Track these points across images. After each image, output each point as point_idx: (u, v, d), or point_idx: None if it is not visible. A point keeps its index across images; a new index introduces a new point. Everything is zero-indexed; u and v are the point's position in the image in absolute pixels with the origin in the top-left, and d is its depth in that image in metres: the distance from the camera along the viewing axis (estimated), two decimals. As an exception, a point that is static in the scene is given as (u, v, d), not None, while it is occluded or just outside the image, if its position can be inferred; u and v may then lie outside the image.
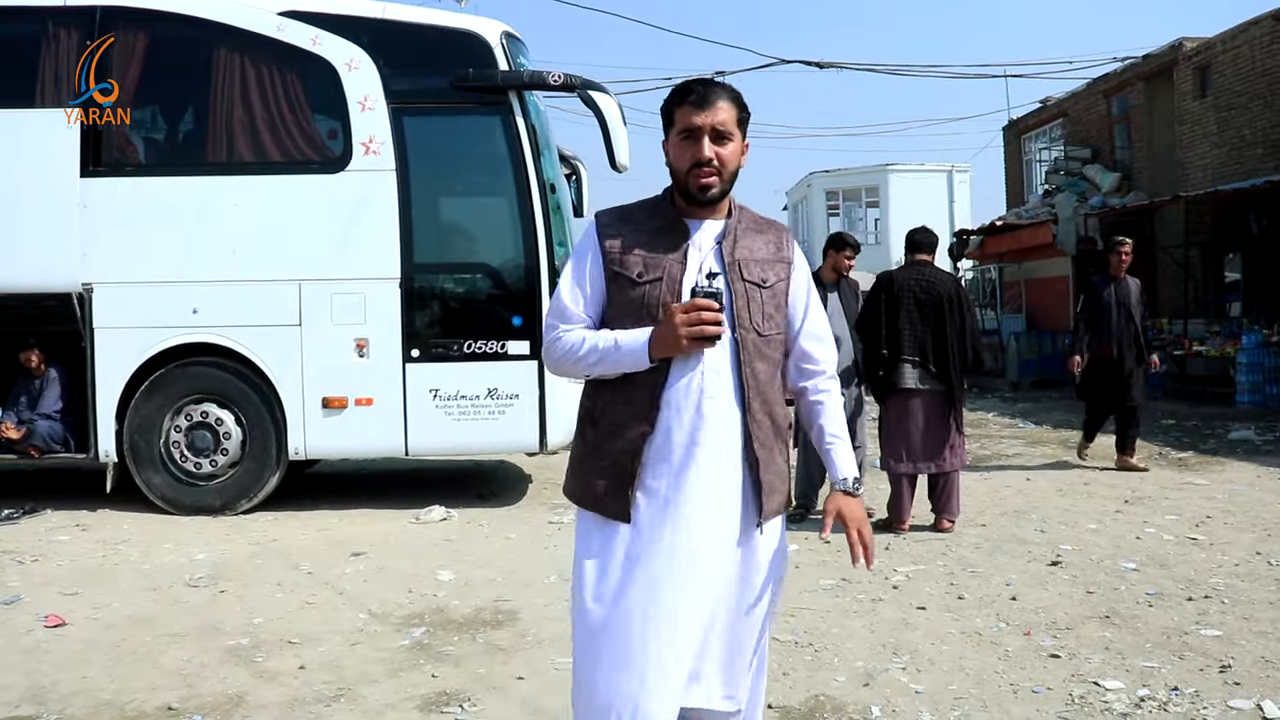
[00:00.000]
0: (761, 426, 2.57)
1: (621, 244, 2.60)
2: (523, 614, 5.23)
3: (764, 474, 2.57)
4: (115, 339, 7.94)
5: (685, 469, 2.51)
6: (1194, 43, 17.53)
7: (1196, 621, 4.89)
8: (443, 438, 8.01)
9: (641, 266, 2.57)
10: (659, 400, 2.53)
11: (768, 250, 2.65)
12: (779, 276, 2.64)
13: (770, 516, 2.60)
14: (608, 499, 2.56)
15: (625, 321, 2.57)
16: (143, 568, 6.43)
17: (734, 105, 2.57)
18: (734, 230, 2.63)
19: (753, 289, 2.58)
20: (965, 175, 35.53)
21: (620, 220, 2.67)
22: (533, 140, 7.87)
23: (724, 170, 2.55)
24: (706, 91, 2.56)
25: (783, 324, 2.67)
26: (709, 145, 2.52)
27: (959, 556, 6.26)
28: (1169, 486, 8.37)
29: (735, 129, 2.57)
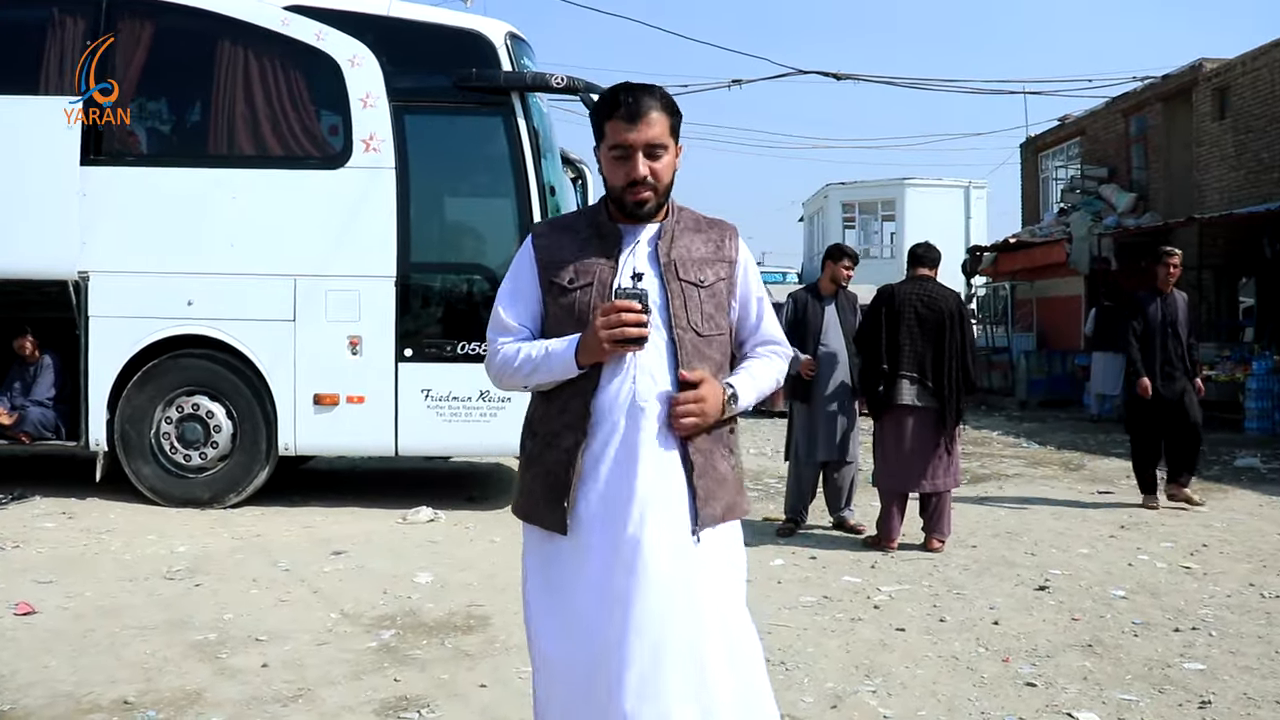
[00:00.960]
0: (698, 430, 2.51)
1: (556, 253, 2.58)
2: (494, 620, 5.17)
3: (698, 479, 2.49)
4: (110, 328, 7.92)
5: (620, 477, 2.46)
6: (1214, 64, 17.38)
7: (1181, 654, 4.78)
8: (433, 438, 7.96)
9: (573, 273, 2.54)
10: (590, 408, 2.49)
11: (707, 249, 2.61)
12: (719, 276, 2.59)
13: (708, 523, 2.51)
14: (545, 511, 2.52)
15: (562, 330, 2.53)
16: (123, 558, 6.39)
17: (665, 113, 2.51)
18: (670, 230, 2.59)
19: (689, 289, 2.54)
20: (982, 191, 35.34)
21: (556, 230, 2.66)
22: (534, 142, 7.82)
23: (659, 185, 2.52)
24: (637, 105, 2.48)
25: (726, 324, 2.62)
26: (643, 163, 2.48)
27: (945, 577, 6.17)
28: (1167, 513, 8.24)
29: (668, 139, 2.51)
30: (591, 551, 2.46)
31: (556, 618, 2.51)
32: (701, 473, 2.50)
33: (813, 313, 7.30)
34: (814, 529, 7.48)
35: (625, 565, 2.43)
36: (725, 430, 2.60)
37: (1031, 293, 21.71)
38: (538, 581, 2.57)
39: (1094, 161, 20.87)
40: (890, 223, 36.03)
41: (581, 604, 2.46)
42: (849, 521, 7.42)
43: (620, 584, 2.42)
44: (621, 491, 2.45)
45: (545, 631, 2.53)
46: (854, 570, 6.32)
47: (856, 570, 6.32)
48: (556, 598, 2.51)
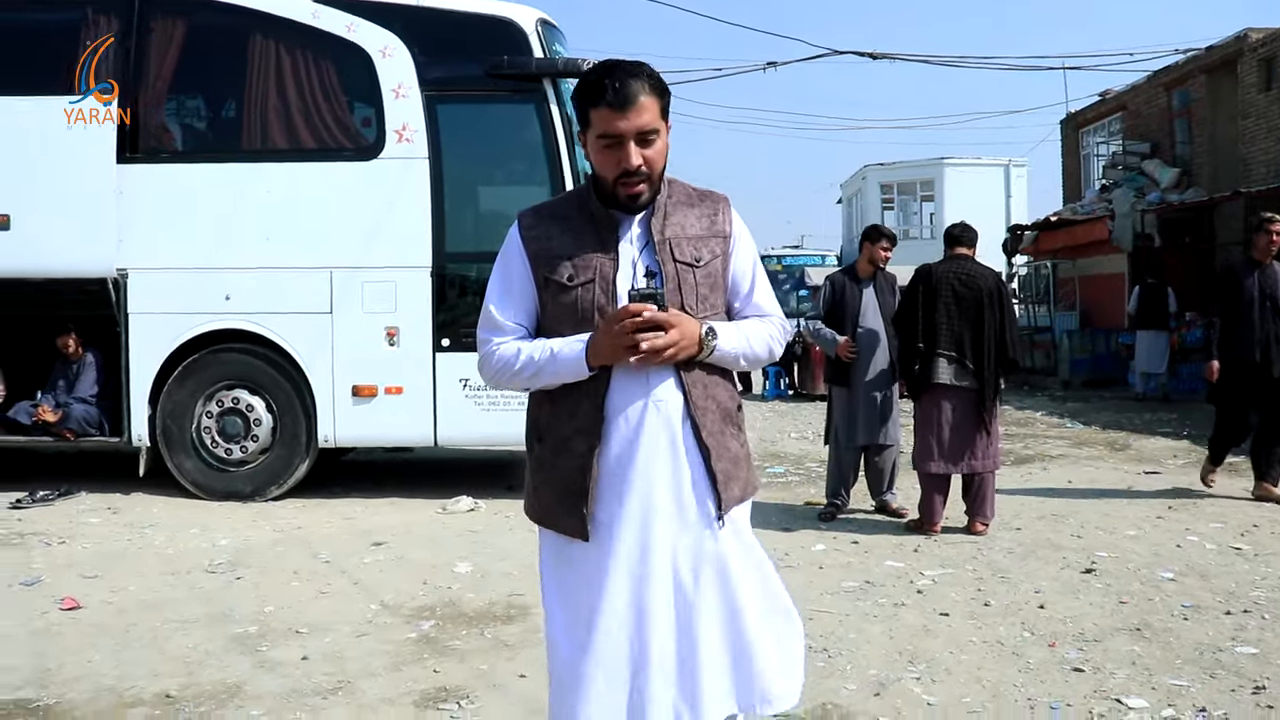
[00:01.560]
0: (707, 414, 2.43)
1: (548, 246, 2.45)
2: (534, 609, 5.13)
3: (716, 463, 2.43)
4: (149, 324, 7.99)
5: (640, 477, 2.38)
6: (1260, 34, 16.98)
7: (1233, 638, 4.67)
8: (472, 428, 7.96)
9: (571, 269, 2.42)
10: (604, 410, 2.40)
11: (701, 225, 2.49)
12: (714, 253, 2.48)
13: (731, 505, 2.46)
14: (563, 517, 2.44)
15: (564, 329, 2.43)
16: (165, 552, 6.45)
17: (655, 95, 2.35)
18: (663, 206, 2.46)
19: (684, 270, 2.43)
20: (1022, 169, 34.97)
21: (545, 219, 2.51)
22: (567, 129, 7.76)
23: (653, 174, 2.39)
24: (625, 90, 2.30)
25: (721, 303, 2.52)
26: (635, 152, 2.34)
27: (989, 561, 6.08)
28: (1216, 493, 8.08)
29: (659, 123, 2.37)
30: (615, 556, 2.39)
31: (579, 626, 2.42)
32: (718, 456, 2.44)
33: (850, 295, 7.21)
34: (855, 513, 7.40)
35: (652, 568, 2.38)
36: (733, 408, 2.53)
37: (1074, 271, 21.39)
38: (554, 587, 2.51)
39: (1136, 137, 20.50)
40: (930, 203, 35.75)
41: (607, 610, 2.38)
42: (891, 505, 7.34)
43: (649, 588, 2.38)
44: (642, 491, 2.38)
45: (567, 640, 2.45)
46: (897, 555, 6.24)
47: (899, 554, 6.25)
48: (577, 604, 2.44)
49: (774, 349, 2.61)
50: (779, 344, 2.63)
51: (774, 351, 2.61)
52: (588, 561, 2.43)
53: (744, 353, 2.51)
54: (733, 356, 2.48)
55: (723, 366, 2.50)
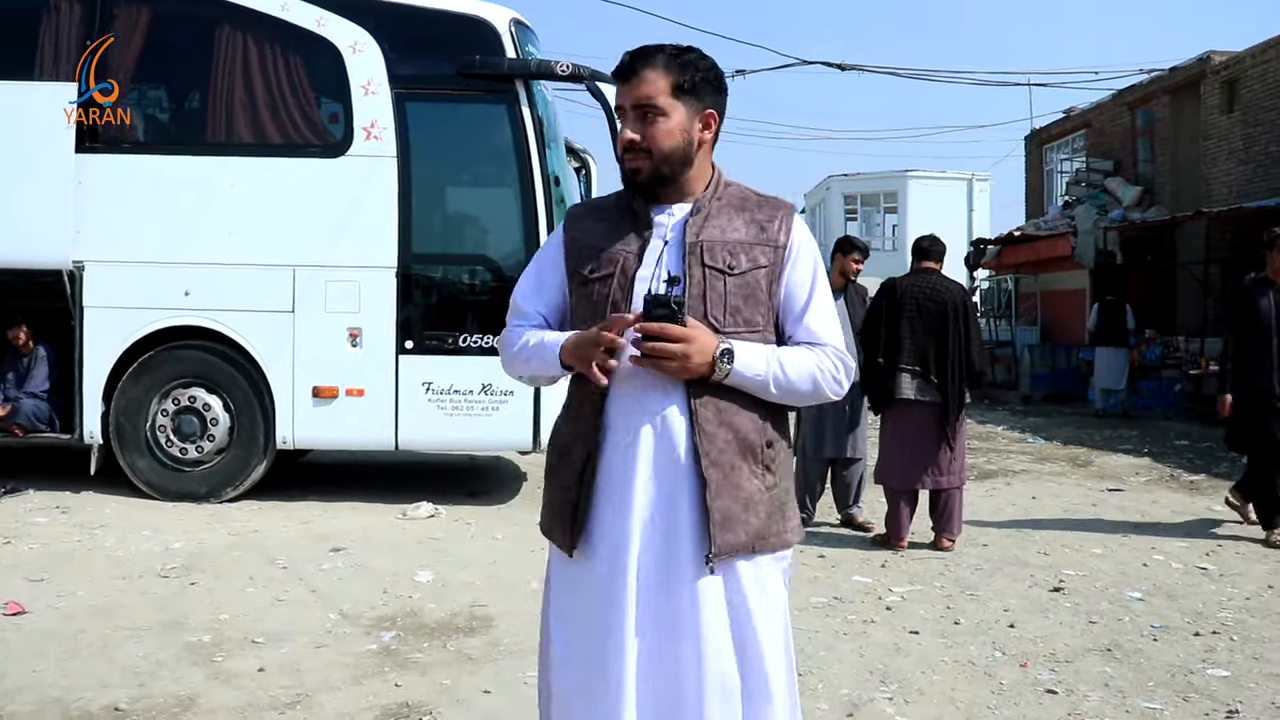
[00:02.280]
0: (714, 440, 2.17)
1: (583, 238, 2.33)
2: (498, 621, 5.03)
3: (714, 499, 2.16)
4: (105, 318, 7.77)
5: (631, 495, 2.18)
6: (1222, 56, 17.23)
7: (1203, 659, 4.65)
8: (434, 432, 7.81)
9: (595, 261, 2.28)
10: (603, 416, 2.23)
11: (748, 231, 2.26)
12: (755, 262, 2.24)
13: (728, 552, 2.17)
14: (558, 530, 2.30)
15: (581, 324, 2.30)
16: (116, 555, 6.25)
17: (666, 72, 2.20)
18: (707, 207, 2.27)
19: (714, 276, 2.21)
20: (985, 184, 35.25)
21: (589, 212, 2.41)
22: (538, 131, 7.65)
23: (654, 150, 2.20)
24: (631, 62, 2.21)
25: (760, 319, 2.25)
26: (632, 125, 2.20)
27: (958, 578, 6.03)
28: (1180, 511, 8.12)
29: (670, 99, 2.20)
30: (598, 578, 2.22)
31: (568, 647, 2.28)
32: (718, 492, 2.17)
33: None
34: (821, 526, 7.34)
35: (630, 596, 2.17)
36: (758, 442, 2.24)
37: (1036, 286, 21.57)
38: (551, 599, 2.38)
39: (1099, 154, 20.72)
40: (892, 215, 35.95)
41: (590, 633, 2.22)
42: (858, 519, 7.28)
43: (624, 617, 2.16)
44: (631, 511, 2.18)
45: (556, 661, 2.31)
46: (864, 570, 6.19)
47: (866, 570, 6.19)
48: (565, 624, 2.30)
49: (822, 383, 2.27)
50: (832, 379, 2.28)
51: (823, 386, 2.27)
52: (575, 579, 2.29)
53: (775, 381, 2.21)
54: (756, 383, 2.20)
55: (748, 392, 2.23)
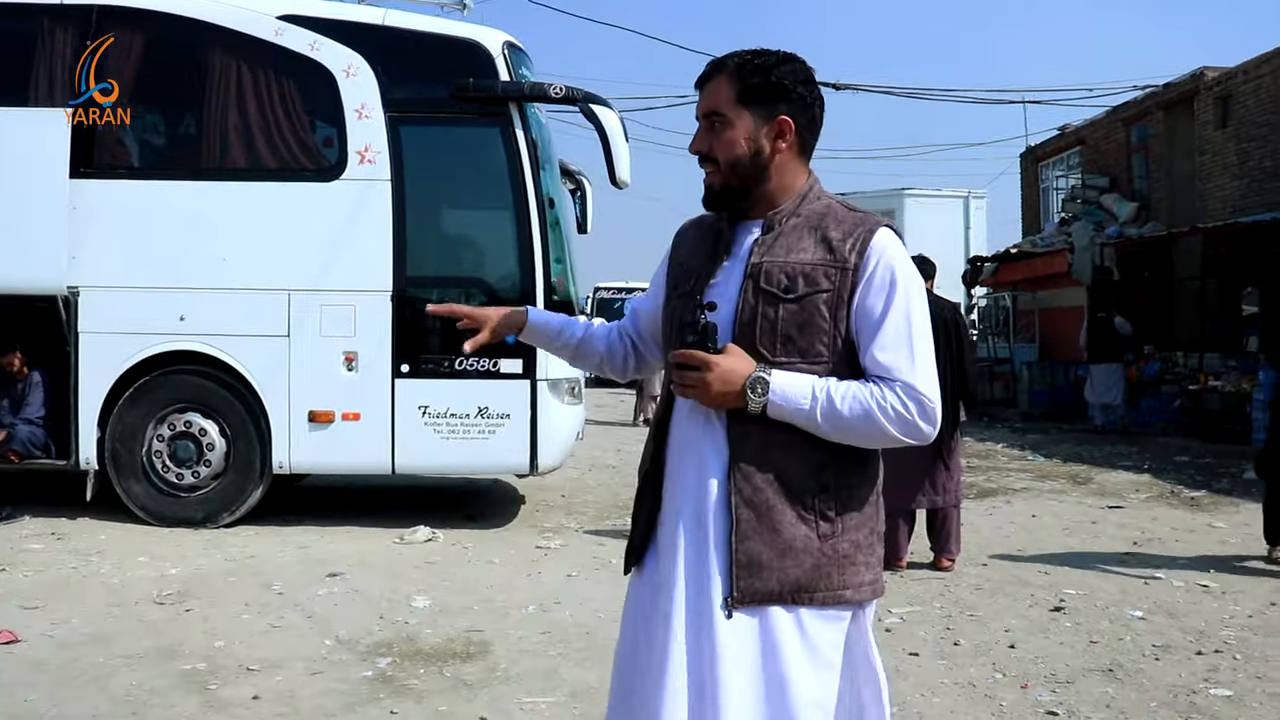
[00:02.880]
0: (750, 478, 2.01)
1: (681, 254, 2.28)
2: (495, 646, 5.00)
3: (740, 540, 2.00)
4: (100, 344, 7.76)
5: (676, 524, 2.10)
6: (1216, 72, 17.25)
7: (1206, 679, 4.62)
8: (430, 456, 7.78)
9: (679, 278, 2.22)
10: (666, 439, 2.17)
11: (816, 251, 2.06)
12: (815, 286, 2.03)
13: (752, 599, 2.00)
14: (629, 558, 2.28)
15: (666, 340, 2.28)
16: (111, 581, 6.21)
17: (730, 80, 2.10)
18: (780, 225, 2.11)
19: (767, 301, 2.03)
20: (982, 201, 35.11)
21: (692, 226, 2.33)
22: (532, 153, 7.66)
23: (720, 161, 2.11)
24: (705, 73, 2.17)
25: (819, 348, 2.04)
26: (700, 137, 2.15)
27: (957, 598, 6.00)
28: (1181, 528, 8.09)
29: (734, 108, 2.09)
30: (642, 605, 2.19)
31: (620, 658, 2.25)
32: (748, 533, 2.01)
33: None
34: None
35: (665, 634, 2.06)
36: (809, 484, 2.05)
37: (1033, 303, 21.56)
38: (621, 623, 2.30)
39: (1095, 171, 20.73)
40: (889, 233, 35.83)
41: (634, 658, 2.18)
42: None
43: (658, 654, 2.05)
44: (672, 546, 2.09)
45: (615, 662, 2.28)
46: (863, 591, 6.13)
47: (866, 591, 6.14)
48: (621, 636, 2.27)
49: (883, 421, 2.02)
50: (898, 418, 2.04)
51: (885, 425, 2.03)
52: (631, 596, 2.27)
53: (822, 414, 2.00)
54: (801, 416, 2.01)
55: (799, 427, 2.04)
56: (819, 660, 2.03)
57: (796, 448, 2.03)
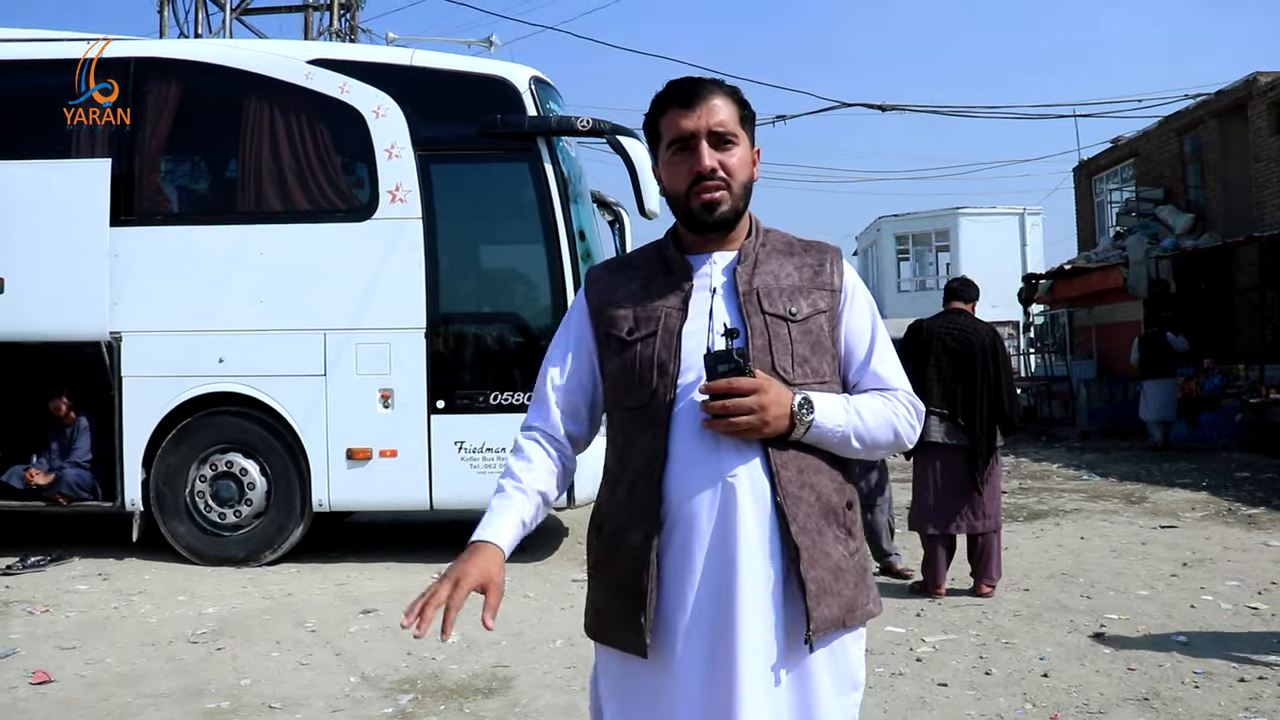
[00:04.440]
0: (801, 504, 1.97)
1: (612, 298, 2.12)
2: (518, 681, 4.98)
3: (807, 569, 1.94)
4: (143, 387, 7.91)
5: (712, 576, 1.95)
6: (1268, 77, 16.89)
7: (1247, 708, 4.46)
8: (468, 491, 7.80)
9: (632, 321, 2.06)
10: (663, 491, 1.98)
11: (801, 275, 2.09)
12: (816, 307, 2.06)
13: (825, 628, 1.95)
14: (619, 628, 2.02)
15: (619, 394, 2.08)
16: (149, 621, 6.30)
17: (732, 102, 2.07)
18: (753, 254, 2.09)
19: (776, 324, 2.02)
20: (1037, 217, 34.79)
21: (614, 271, 2.19)
22: (562, 187, 7.70)
23: (733, 183, 2.04)
24: (695, 89, 2.06)
25: (827, 369, 2.07)
26: (709, 153, 2.02)
27: (994, 625, 5.87)
28: (1233, 547, 7.85)
29: (739, 130, 2.07)
30: (683, 676, 1.95)
31: None
32: (811, 561, 1.95)
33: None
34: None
35: (725, 689, 1.91)
36: (839, 504, 2.04)
37: (1090, 319, 21.20)
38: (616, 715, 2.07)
39: (1149, 183, 20.38)
40: (945, 253, 35.58)
41: None
42: (896, 566, 7.13)
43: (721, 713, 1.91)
44: (715, 595, 1.94)
45: None
46: (898, 619, 6.04)
47: (901, 619, 6.04)
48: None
49: (901, 430, 2.11)
50: (909, 425, 2.13)
51: (902, 436, 2.11)
52: (651, 687, 2.00)
53: (856, 433, 2.03)
54: (838, 436, 2.02)
55: (826, 449, 2.04)
56: (853, 681, 2.05)
57: (827, 469, 2.04)
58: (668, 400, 2.00)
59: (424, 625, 1.85)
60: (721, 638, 1.92)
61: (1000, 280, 26.59)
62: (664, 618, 1.97)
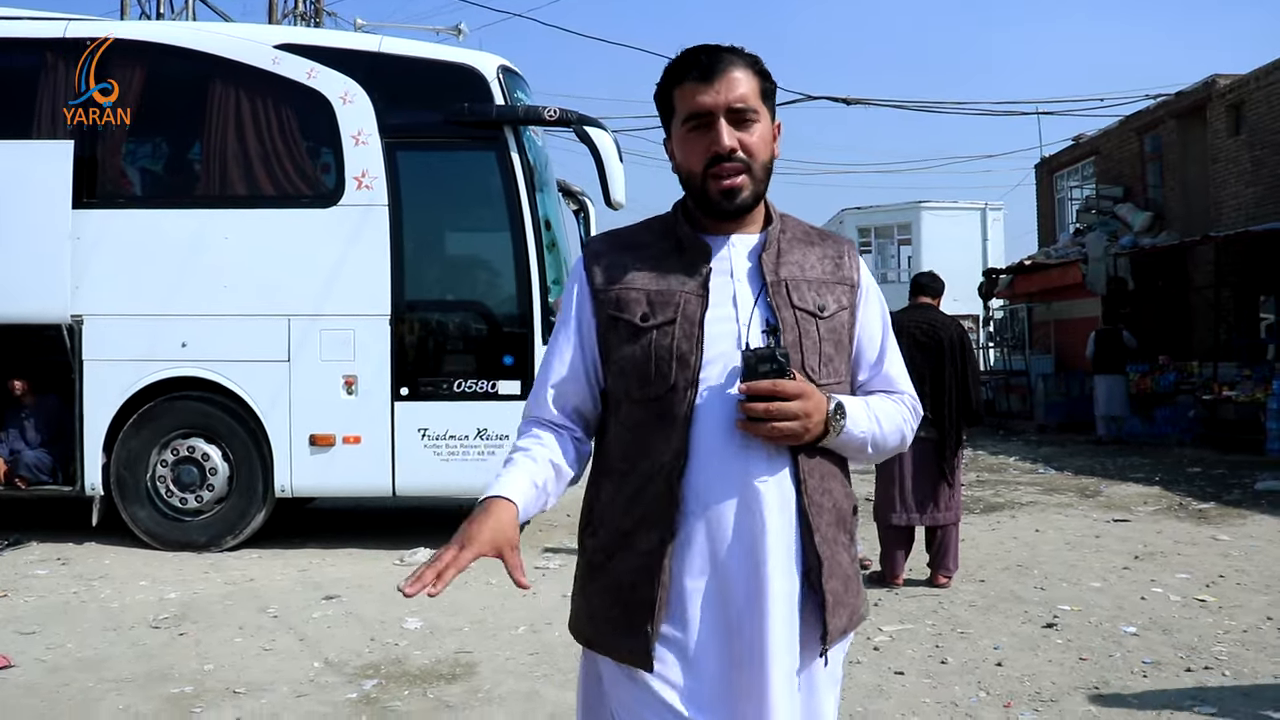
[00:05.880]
0: (823, 513, 1.87)
1: (619, 276, 1.93)
2: (481, 667, 5.02)
3: (828, 581, 1.86)
4: (104, 371, 7.86)
5: (731, 587, 1.83)
6: (1227, 80, 17.17)
7: (1193, 696, 4.58)
8: (431, 478, 7.84)
9: (646, 306, 1.89)
10: (681, 493, 1.83)
11: (823, 268, 1.96)
12: (840, 304, 1.95)
13: (836, 638, 1.89)
14: (618, 637, 1.87)
15: (631, 385, 1.90)
16: (110, 606, 6.28)
17: (754, 74, 1.90)
18: (776, 240, 1.95)
19: (805, 319, 1.90)
20: (999, 213, 35.16)
21: (618, 247, 1.99)
22: (528, 176, 7.72)
23: (753, 164, 1.88)
24: (713, 60, 1.87)
25: (844, 368, 1.97)
26: (728, 131, 1.86)
27: (950, 615, 5.97)
28: (1184, 541, 8.02)
29: (760, 104, 1.90)
30: (692, 699, 1.84)
31: None
32: (830, 572, 1.87)
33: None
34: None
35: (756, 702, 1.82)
36: (848, 511, 1.96)
37: (1049, 315, 21.47)
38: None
39: (1109, 181, 20.65)
40: (907, 246, 35.87)
41: None
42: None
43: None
44: (738, 606, 1.82)
45: None
46: (856, 608, 6.12)
47: (859, 608, 6.12)
48: None
49: (906, 436, 2.05)
50: (911, 430, 2.08)
51: (906, 440, 2.06)
52: (651, 700, 1.85)
53: (873, 438, 1.95)
54: (860, 442, 1.93)
55: (845, 455, 1.97)
56: (835, 678, 2.00)
57: (838, 474, 1.95)
58: (689, 395, 1.85)
59: (416, 585, 1.71)
60: (748, 650, 1.81)
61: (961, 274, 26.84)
62: (673, 630, 1.84)
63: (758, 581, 1.81)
